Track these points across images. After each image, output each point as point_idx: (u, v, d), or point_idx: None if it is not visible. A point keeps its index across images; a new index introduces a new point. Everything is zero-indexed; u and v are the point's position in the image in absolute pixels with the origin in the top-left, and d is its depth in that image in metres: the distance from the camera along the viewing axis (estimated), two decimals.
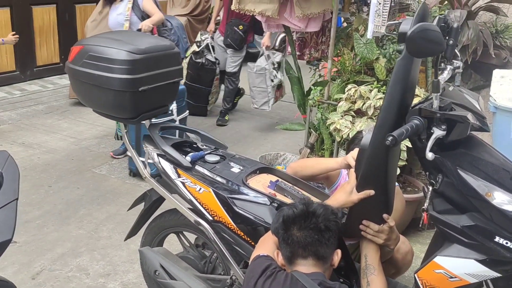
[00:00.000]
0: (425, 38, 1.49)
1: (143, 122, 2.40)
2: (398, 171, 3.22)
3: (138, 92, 2.17)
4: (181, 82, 2.55)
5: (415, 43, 1.49)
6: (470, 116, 1.64)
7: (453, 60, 1.80)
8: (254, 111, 6.00)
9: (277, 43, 6.02)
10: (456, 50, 1.82)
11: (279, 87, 5.82)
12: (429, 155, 1.59)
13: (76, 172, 4.39)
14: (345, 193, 1.90)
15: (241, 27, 5.60)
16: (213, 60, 5.87)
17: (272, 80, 5.55)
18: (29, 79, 7.01)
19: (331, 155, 3.78)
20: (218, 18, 6.37)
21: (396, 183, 2.51)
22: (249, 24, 5.64)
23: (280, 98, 6.02)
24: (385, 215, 1.92)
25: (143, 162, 2.37)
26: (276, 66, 5.60)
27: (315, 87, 3.80)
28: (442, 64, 1.78)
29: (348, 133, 3.29)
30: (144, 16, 4.43)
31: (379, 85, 3.48)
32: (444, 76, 1.73)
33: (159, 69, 2.27)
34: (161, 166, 2.27)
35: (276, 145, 5.43)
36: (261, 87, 5.56)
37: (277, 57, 5.61)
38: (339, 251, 1.82)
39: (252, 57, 6.22)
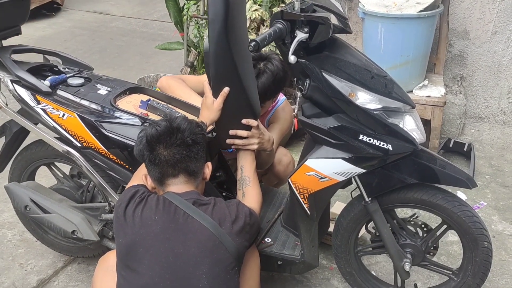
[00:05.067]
0: None
1: None
2: None
3: None
4: None
5: None
6: (331, 17, 1.62)
7: None
8: (135, 33, 5.68)
9: None
10: None
11: None
12: (291, 58, 1.57)
13: None
14: (207, 108, 1.85)
15: None
16: None
17: None
18: None
19: None
20: None
21: (284, 96, 2.52)
22: None
23: None
24: (244, 120, 1.90)
25: None
26: None
27: (189, 2, 3.61)
28: None
29: None
30: None
31: None
32: None
33: None
34: (17, 93, 2.06)
35: (159, 68, 5.22)
36: None
37: None
38: (209, 164, 1.78)
39: None
